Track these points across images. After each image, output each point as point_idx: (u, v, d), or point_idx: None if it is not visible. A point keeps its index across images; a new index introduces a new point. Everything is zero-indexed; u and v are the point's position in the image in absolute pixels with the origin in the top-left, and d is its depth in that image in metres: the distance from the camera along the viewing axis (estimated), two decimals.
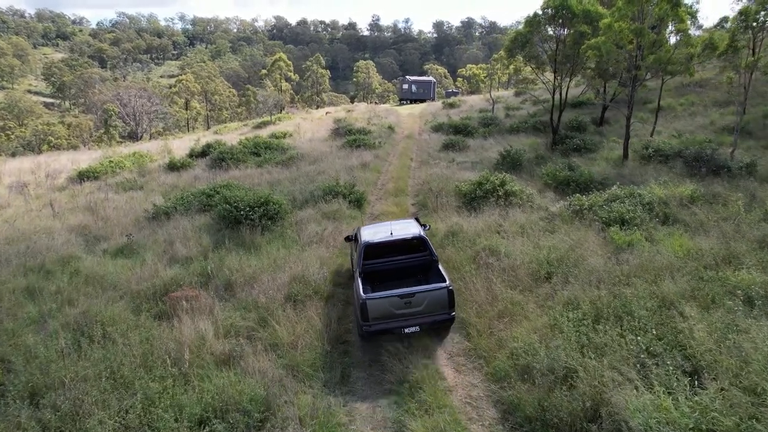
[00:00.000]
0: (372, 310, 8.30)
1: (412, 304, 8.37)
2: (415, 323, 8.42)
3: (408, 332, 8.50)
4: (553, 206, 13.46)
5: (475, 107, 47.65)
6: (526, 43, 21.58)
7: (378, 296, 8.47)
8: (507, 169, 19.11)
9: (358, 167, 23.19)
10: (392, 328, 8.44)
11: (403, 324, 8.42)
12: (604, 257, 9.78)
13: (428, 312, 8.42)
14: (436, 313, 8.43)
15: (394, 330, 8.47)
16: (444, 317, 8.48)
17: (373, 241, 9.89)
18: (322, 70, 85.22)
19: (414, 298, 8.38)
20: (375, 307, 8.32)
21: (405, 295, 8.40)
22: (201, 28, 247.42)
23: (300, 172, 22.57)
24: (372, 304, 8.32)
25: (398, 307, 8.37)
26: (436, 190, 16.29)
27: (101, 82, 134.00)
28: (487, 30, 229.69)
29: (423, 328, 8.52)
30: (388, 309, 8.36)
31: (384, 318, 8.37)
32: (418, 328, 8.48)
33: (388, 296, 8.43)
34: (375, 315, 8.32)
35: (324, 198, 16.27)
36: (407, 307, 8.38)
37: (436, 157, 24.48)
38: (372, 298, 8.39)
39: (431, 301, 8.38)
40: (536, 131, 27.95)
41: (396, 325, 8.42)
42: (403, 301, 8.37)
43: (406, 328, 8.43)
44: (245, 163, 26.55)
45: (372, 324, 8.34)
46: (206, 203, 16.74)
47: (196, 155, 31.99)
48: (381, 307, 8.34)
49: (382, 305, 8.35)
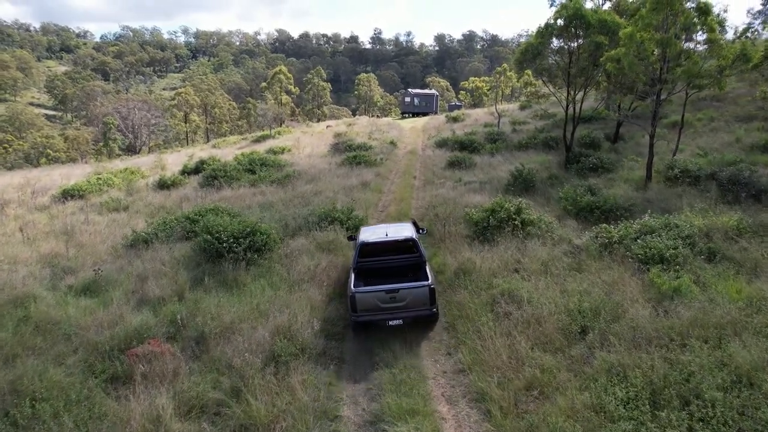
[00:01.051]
0: (360, 303, 9.18)
1: (397, 299, 9.21)
2: (398, 317, 9.28)
3: (392, 324, 9.31)
4: (578, 238, 11.86)
5: (480, 121, 46.24)
6: (537, 55, 20.15)
7: (365, 290, 9.34)
8: (519, 190, 17.57)
9: (358, 187, 21.69)
10: (378, 320, 9.31)
11: (388, 317, 9.27)
12: (648, 307, 8.17)
13: (411, 307, 9.25)
14: (418, 309, 9.27)
15: (379, 322, 9.33)
16: (425, 313, 9.35)
17: (368, 240, 10.88)
18: (323, 83, 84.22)
19: (398, 294, 9.21)
20: (363, 300, 9.19)
21: (390, 291, 9.23)
22: (204, 41, 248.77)
23: (295, 192, 21.05)
24: (360, 297, 9.20)
25: (384, 301, 9.21)
26: (442, 216, 14.73)
27: (103, 94, 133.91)
28: (489, 43, 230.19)
29: (406, 321, 9.35)
30: (374, 302, 9.21)
31: (371, 310, 9.24)
32: (401, 322, 9.32)
33: (374, 291, 9.30)
34: (363, 307, 9.21)
35: (319, 224, 14.70)
36: (392, 301, 9.21)
37: (441, 176, 22.96)
38: (360, 292, 9.26)
39: (414, 298, 9.21)
40: (547, 148, 26.44)
41: (381, 317, 9.28)
42: (388, 296, 9.20)
43: (391, 320, 9.30)
44: (239, 181, 25.07)
45: (360, 315, 9.25)
46: (189, 229, 15.20)
47: (188, 172, 30.55)
48: (368, 301, 9.20)
49: (369, 299, 9.20)
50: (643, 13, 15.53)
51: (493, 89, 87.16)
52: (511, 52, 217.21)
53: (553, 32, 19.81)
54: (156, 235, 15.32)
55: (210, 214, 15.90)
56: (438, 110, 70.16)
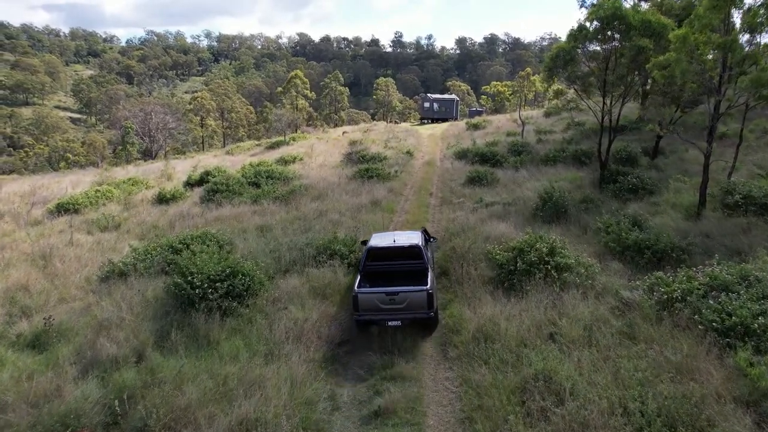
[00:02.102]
0: (362, 302, 9.65)
1: (396, 301, 9.61)
2: (397, 318, 9.69)
3: (391, 325, 9.72)
4: (627, 289, 9.58)
5: (502, 129, 43.83)
6: (570, 62, 17.83)
7: (367, 291, 9.83)
8: (549, 217, 15.29)
9: (368, 206, 19.65)
10: (378, 320, 9.77)
11: (387, 317, 9.69)
12: (744, 415, 5.91)
13: (410, 309, 9.64)
14: (416, 311, 9.65)
15: (379, 322, 9.79)
16: (423, 315, 9.70)
17: (375, 245, 11.28)
18: (340, 87, 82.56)
19: (398, 296, 9.61)
20: (364, 299, 9.65)
21: (390, 293, 9.66)
22: (226, 44, 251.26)
23: (298, 212, 19.10)
24: (362, 297, 9.67)
25: (384, 302, 9.63)
26: (460, 250, 12.57)
27: (126, 98, 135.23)
28: (511, 46, 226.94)
29: (404, 323, 9.75)
30: (375, 303, 9.64)
31: (371, 310, 9.69)
32: (400, 323, 9.71)
33: (375, 292, 9.77)
34: (364, 307, 9.67)
35: (317, 258, 12.71)
36: (392, 303, 9.62)
37: (460, 194, 20.77)
38: (362, 292, 9.74)
39: (412, 301, 9.59)
40: (577, 162, 24.01)
41: (381, 318, 9.73)
42: (388, 298, 9.62)
43: (390, 321, 9.71)
44: (241, 196, 23.27)
45: (361, 314, 9.73)
46: (171, 260, 13.36)
47: (192, 184, 28.95)
48: (369, 301, 9.65)
49: (370, 299, 9.65)
50: (700, 11, 13.16)
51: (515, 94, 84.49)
52: (533, 56, 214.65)
53: (587, 35, 17.47)
54: (134, 267, 13.53)
55: (196, 243, 14.06)
56: (458, 116, 67.80)
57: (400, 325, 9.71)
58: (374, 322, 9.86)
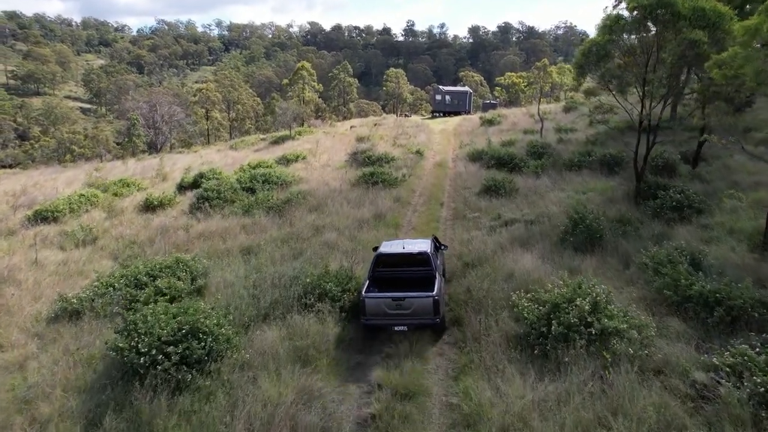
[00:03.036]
0: (369, 307, 9.86)
1: (402, 306, 9.76)
2: (404, 323, 9.82)
3: (397, 330, 9.86)
4: (699, 369, 7.26)
5: (519, 125, 41.17)
6: (604, 57, 15.29)
7: (374, 296, 9.99)
8: (580, 243, 12.92)
9: (371, 220, 17.43)
10: (384, 324, 9.94)
11: (394, 322, 9.86)
12: None
13: (416, 315, 9.77)
14: (422, 317, 9.76)
15: (385, 326, 9.97)
16: (429, 321, 9.80)
17: (384, 252, 11.34)
18: (349, 78, 79.92)
19: (404, 302, 9.76)
20: (371, 304, 9.86)
21: (396, 299, 9.81)
22: (237, 33, 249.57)
23: (292, 228, 16.92)
24: (369, 302, 9.87)
25: (391, 307, 9.81)
26: (477, 293, 10.30)
27: (135, 88, 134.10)
28: (525, 35, 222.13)
29: (410, 328, 9.85)
30: (382, 308, 9.84)
31: (378, 315, 9.87)
32: (406, 328, 9.84)
33: (382, 297, 9.94)
34: (371, 312, 9.86)
35: (305, 298, 10.53)
36: (398, 308, 9.77)
37: (475, 206, 18.42)
38: (369, 297, 9.92)
39: (418, 307, 9.72)
40: (605, 169, 21.48)
41: (388, 323, 9.90)
42: (395, 303, 9.79)
43: (396, 326, 9.86)
44: (233, 205, 21.18)
45: (369, 318, 9.91)
46: (133, 298, 11.28)
47: (185, 187, 26.95)
48: (376, 306, 9.84)
49: (377, 304, 9.85)
50: None
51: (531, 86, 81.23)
52: (548, 45, 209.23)
53: (625, 27, 14.91)
54: (91, 303, 11.48)
55: (165, 273, 11.96)
56: (471, 109, 65.06)
57: (406, 330, 9.84)
58: (381, 327, 10.00)
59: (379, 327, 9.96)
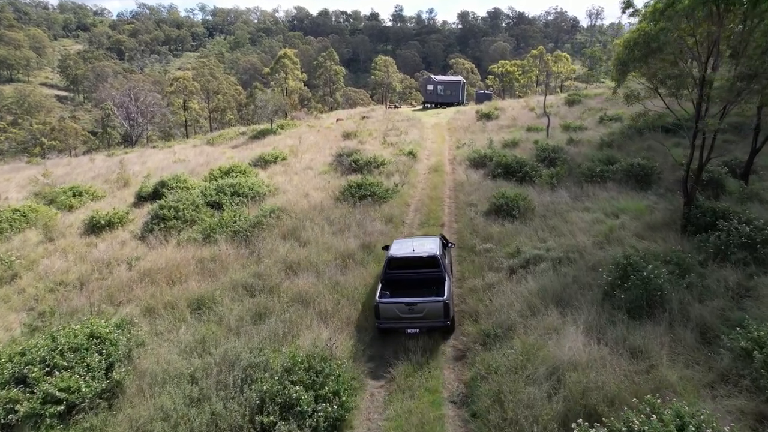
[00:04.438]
0: (383, 311, 10.27)
1: (415, 310, 10.15)
2: (416, 326, 10.25)
3: (410, 332, 10.28)
4: None
5: (519, 121, 37.84)
6: (655, 52, 11.96)
7: (388, 301, 10.38)
8: (633, 302, 9.69)
9: (358, 253, 14.10)
10: (398, 327, 10.36)
11: (406, 325, 10.28)
12: None
13: (428, 318, 10.19)
14: (433, 320, 10.20)
15: (399, 329, 10.37)
16: (440, 324, 10.24)
17: (396, 255, 11.62)
18: (336, 66, 75.70)
19: (416, 306, 10.15)
20: (385, 309, 10.27)
21: (409, 303, 10.18)
22: (221, 18, 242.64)
23: (260, 266, 13.49)
24: (383, 306, 10.28)
25: (403, 312, 10.20)
26: (512, 411, 7.05)
27: (114, 75, 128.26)
28: (515, 21, 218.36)
29: (422, 330, 10.30)
30: (395, 312, 10.24)
31: (392, 319, 10.29)
32: (419, 330, 10.27)
33: (395, 302, 10.32)
34: (385, 315, 10.28)
35: (260, 416, 7.20)
36: (411, 312, 10.17)
37: (484, 233, 15.11)
38: (383, 302, 10.32)
39: (430, 310, 10.13)
40: (632, 181, 18.26)
41: (401, 326, 10.32)
42: (407, 308, 10.17)
43: (409, 329, 10.28)
44: (193, 227, 17.72)
45: (383, 322, 10.34)
46: (9, 410, 7.85)
47: (145, 198, 23.37)
48: (390, 310, 10.26)
49: (391, 308, 10.25)
50: None
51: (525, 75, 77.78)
52: (538, 31, 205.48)
53: (686, 11, 11.55)
54: None
55: (68, 361, 8.53)
56: (464, 99, 61.52)
57: (418, 333, 10.23)
58: (394, 330, 10.38)
59: (393, 330, 10.42)
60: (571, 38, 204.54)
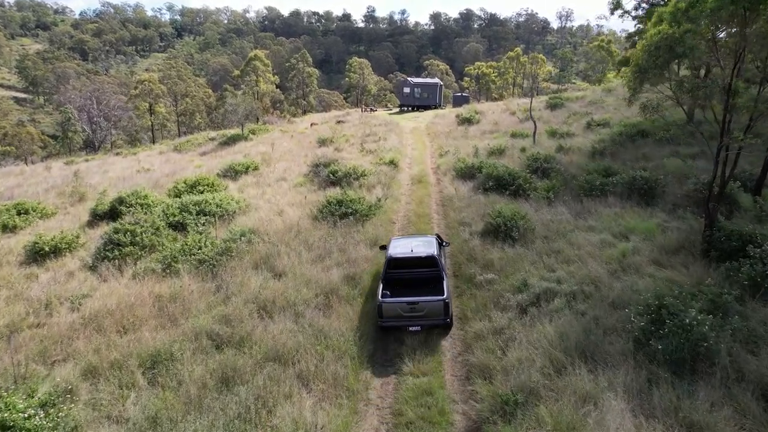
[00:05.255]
0: (385, 311, 10.64)
1: (416, 309, 10.56)
2: (417, 324, 10.64)
3: (412, 330, 10.68)
4: None
5: (502, 125, 36.59)
6: (682, 57, 10.51)
7: (390, 301, 10.74)
8: (673, 354, 8.17)
9: (341, 287, 12.31)
10: (400, 325, 10.72)
11: (408, 323, 10.66)
12: None
13: (428, 316, 10.61)
14: (434, 318, 10.64)
15: (401, 327, 10.73)
16: (440, 322, 10.69)
17: (395, 256, 12.00)
18: (309, 69, 73.44)
19: (417, 305, 10.56)
20: (388, 308, 10.64)
21: (411, 303, 10.59)
22: (190, 18, 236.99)
23: (228, 306, 11.57)
24: (386, 306, 10.64)
25: (405, 310, 10.58)
26: None
27: (77, 76, 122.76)
28: (487, 22, 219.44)
29: (424, 328, 10.70)
30: (397, 311, 10.61)
31: (394, 317, 10.65)
32: (420, 328, 10.68)
33: (397, 302, 10.69)
34: (387, 314, 10.64)
35: None
36: (412, 311, 10.57)
37: (483, 260, 13.48)
38: (386, 302, 10.68)
39: (430, 309, 10.56)
40: (636, 195, 16.89)
41: (403, 324, 10.69)
42: (409, 307, 10.56)
43: (411, 327, 10.67)
44: (153, 252, 15.61)
45: (385, 320, 10.70)
46: None
47: (101, 216, 21.02)
48: (392, 309, 10.62)
49: (393, 308, 10.62)
50: None
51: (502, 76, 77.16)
52: (510, 32, 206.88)
53: (712, 12, 10.15)
54: None
55: None
56: (442, 102, 60.23)
57: (420, 330, 10.65)
58: (396, 328, 10.78)
59: (395, 328, 10.76)
60: (542, 39, 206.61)
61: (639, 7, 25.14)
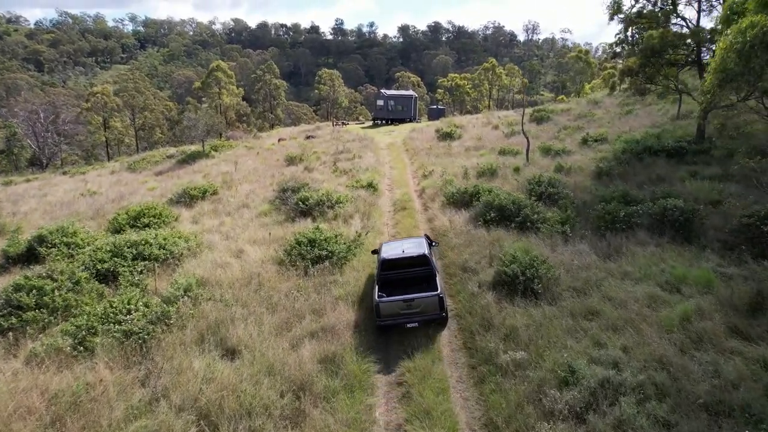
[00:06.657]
0: (383, 310, 10.89)
1: (412, 306, 10.91)
2: (414, 320, 10.93)
3: (409, 326, 10.92)
4: None
5: (486, 140, 33.86)
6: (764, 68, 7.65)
7: (387, 300, 11.02)
8: None
9: (317, 378, 8.94)
10: (398, 323, 10.96)
11: (406, 320, 10.94)
12: None
13: (425, 312, 10.95)
14: (430, 313, 10.98)
15: (399, 325, 10.96)
16: (436, 316, 11.05)
17: (388, 257, 12.29)
18: (276, 80, 69.80)
19: (414, 302, 10.91)
20: (385, 307, 10.91)
21: (407, 300, 10.92)
22: (154, 30, 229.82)
23: (158, 413, 8.05)
24: (383, 305, 10.91)
25: (402, 308, 10.92)
26: None
27: (30, 88, 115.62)
28: (455, 35, 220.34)
29: (420, 323, 10.94)
30: (394, 309, 10.93)
31: (392, 316, 10.94)
32: (417, 324, 10.92)
33: (394, 300, 10.99)
34: (385, 313, 10.92)
35: None
36: (409, 308, 10.91)
37: (501, 326, 10.30)
38: (383, 301, 10.95)
39: (426, 305, 10.91)
40: (669, 229, 14.10)
41: (400, 321, 10.95)
42: (405, 304, 10.90)
43: (408, 323, 10.92)
44: (67, 317, 11.86)
45: (383, 319, 10.95)
46: None
47: (15, 259, 17.03)
48: (389, 308, 10.92)
49: (390, 306, 10.92)
50: None
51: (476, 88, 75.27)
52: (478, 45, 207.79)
53: None
54: None
55: None
56: (417, 115, 57.55)
57: (417, 326, 10.86)
58: (395, 326, 10.97)
59: (393, 326, 10.97)
60: (509, 52, 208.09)
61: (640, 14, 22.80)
